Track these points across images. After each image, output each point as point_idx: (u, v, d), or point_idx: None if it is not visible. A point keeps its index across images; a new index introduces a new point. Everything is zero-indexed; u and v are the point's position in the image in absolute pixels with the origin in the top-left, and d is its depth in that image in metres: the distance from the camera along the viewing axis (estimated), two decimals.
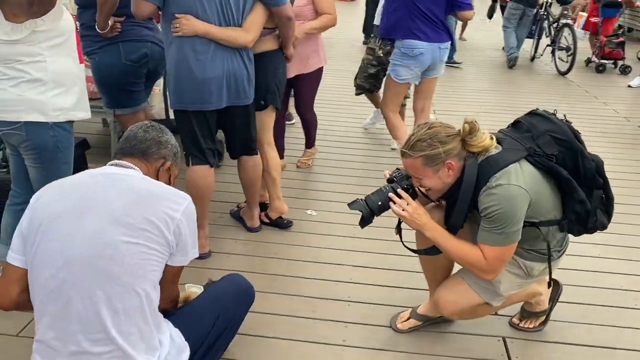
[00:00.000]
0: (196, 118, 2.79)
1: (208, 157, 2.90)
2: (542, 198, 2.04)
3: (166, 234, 1.63)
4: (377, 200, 2.09)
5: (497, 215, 1.94)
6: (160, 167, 1.87)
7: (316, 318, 2.59)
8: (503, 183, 1.93)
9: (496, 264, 2.05)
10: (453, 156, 1.99)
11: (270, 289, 2.79)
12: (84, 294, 1.52)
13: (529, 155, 2.03)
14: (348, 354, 2.36)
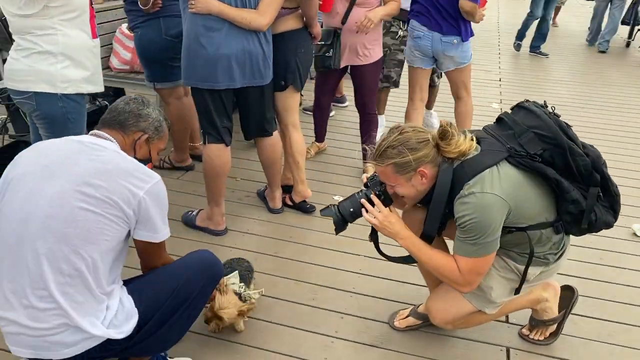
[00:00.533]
0: (211, 96, 2.79)
1: (223, 135, 2.90)
2: (526, 202, 1.88)
3: (125, 208, 1.66)
4: (349, 207, 2.01)
5: (470, 225, 1.81)
6: (138, 139, 1.90)
7: (315, 306, 2.55)
8: (476, 191, 1.80)
9: (471, 276, 1.91)
10: (426, 163, 1.87)
11: (278, 272, 2.78)
12: (34, 251, 1.59)
13: (510, 156, 1.87)
14: (336, 346, 2.31)
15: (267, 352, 2.27)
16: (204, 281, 1.89)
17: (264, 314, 2.47)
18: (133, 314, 1.73)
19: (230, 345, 2.30)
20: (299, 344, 2.31)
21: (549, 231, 1.96)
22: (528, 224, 1.91)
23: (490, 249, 1.86)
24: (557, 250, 2.03)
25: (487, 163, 1.84)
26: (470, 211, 1.79)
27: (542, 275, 2.07)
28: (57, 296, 1.60)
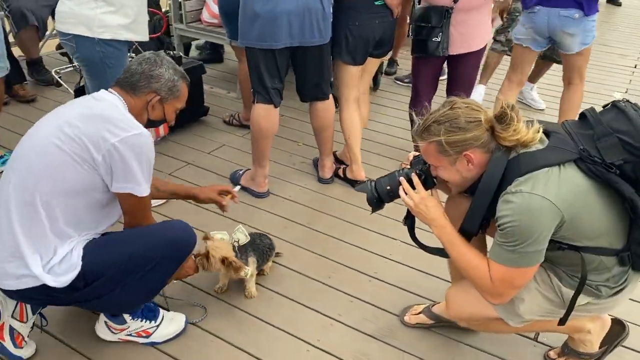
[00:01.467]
0: (264, 56, 2.71)
1: (272, 96, 2.83)
2: (587, 218, 1.56)
3: (93, 152, 1.70)
4: (385, 184, 1.79)
5: (510, 228, 1.52)
6: (150, 101, 1.90)
7: (328, 285, 2.43)
8: (525, 190, 1.51)
9: (503, 287, 1.63)
10: (475, 147, 1.59)
11: (303, 244, 2.69)
12: (9, 179, 1.74)
13: (580, 159, 1.55)
14: (334, 329, 2.19)
15: (261, 321, 2.21)
16: (163, 253, 1.83)
17: (272, 284, 2.41)
18: (74, 267, 1.72)
19: (227, 307, 2.27)
20: (296, 320, 2.22)
21: (611, 260, 1.63)
22: (585, 245, 1.59)
23: (531, 260, 1.56)
24: (615, 285, 1.68)
25: (548, 161, 1.54)
26: (513, 212, 1.51)
27: (590, 307, 1.73)
28: (15, 224, 1.69)
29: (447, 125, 1.59)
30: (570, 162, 1.56)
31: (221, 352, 2.06)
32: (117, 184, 1.75)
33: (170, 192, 2.36)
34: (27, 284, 1.72)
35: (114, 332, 2.03)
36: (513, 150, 1.59)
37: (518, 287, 1.65)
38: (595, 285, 1.67)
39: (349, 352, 2.08)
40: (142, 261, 1.80)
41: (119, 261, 1.78)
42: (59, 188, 1.70)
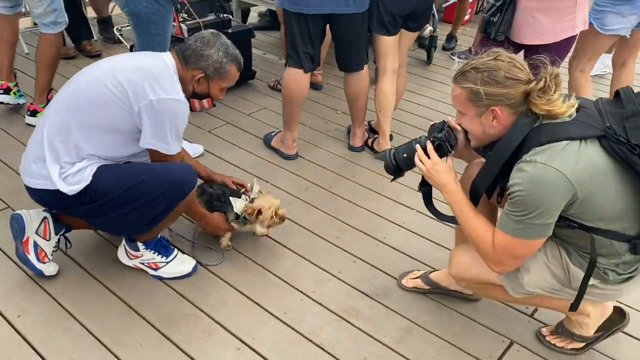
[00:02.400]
0: (297, 20, 2.79)
1: (303, 61, 2.90)
2: (601, 197, 1.51)
3: (132, 102, 1.90)
4: (402, 152, 1.83)
5: (519, 197, 1.50)
6: (196, 76, 2.07)
7: (335, 244, 2.51)
8: (539, 161, 1.47)
9: (503, 256, 1.63)
10: (504, 105, 1.56)
11: (319, 204, 2.78)
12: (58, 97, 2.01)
13: (604, 137, 1.49)
14: (331, 284, 2.28)
15: (263, 268, 2.34)
16: (162, 190, 1.98)
17: (282, 238, 2.52)
18: (85, 180, 1.93)
19: (236, 254, 2.41)
20: (296, 272, 2.33)
21: (623, 246, 1.59)
22: (597, 226, 1.55)
23: (536, 233, 1.54)
24: (624, 272, 1.64)
25: (569, 134, 1.49)
26: (524, 181, 1.48)
27: (595, 291, 1.69)
28: (48, 135, 1.94)
29: (485, 75, 1.56)
30: (594, 138, 1.50)
31: (220, 291, 2.21)
32: (145, 139, 1.95)
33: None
34: (43, 186, 1.95)
35: (130, 257, 2.23)
36: (540, 119, 1.55)
37: (519, 258, 1.63)
38: (603, 268, 1.63)
39: (340, 306, 2.17)
40: (144, 192, 1.97)
41: (124, 187, 1.96)
42: (95, 120, 1.92)
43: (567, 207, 1.51)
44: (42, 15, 3.11)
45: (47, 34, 3.17)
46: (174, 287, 2.21)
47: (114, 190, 1.95)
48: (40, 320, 2.02)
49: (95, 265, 2.28)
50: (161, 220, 2.08)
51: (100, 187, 1.94)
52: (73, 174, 1.93)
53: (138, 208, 1.98)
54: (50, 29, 3.16)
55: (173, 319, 2.06)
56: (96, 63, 2.05)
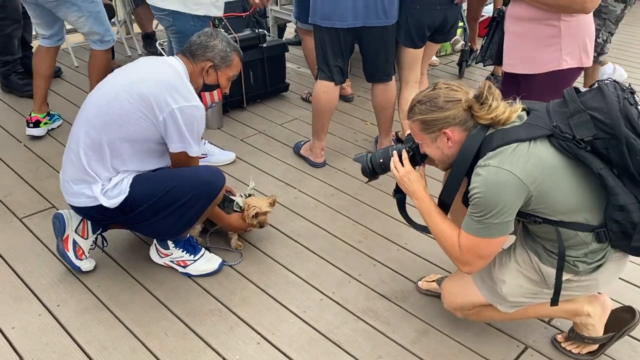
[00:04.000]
0: (328, 34, 2.89)
1: (334, 74, 3.01)
2: (556, 193, 1.60)
3: (157, 113, 2.06)
4: (379, 157, 1.95)
5: (476, 199, 1.61)
6: (205, 67, 2.25)
7: (356, 248, 2.59)
8: (492, 164, 1.59)
9: (469, 256, 1.72)
10: (453, 125, 1.68)
11: (344, 210, 2.87)
12: (81, 118, 2.14)
13: (552, 135, 1.60)
14: (351, 286, 2.35)
15: (286, 269, 2.44)
16: (194, 192, 2.14)
17: (305, 240, 2.62)
18: (123, 192, 2.09)
19: (260, 255, 2.52)
20: (318, 273, 2.42)
21: (588, 236, 1.66)
22: (560, 219, 1.64)
23: (495, 231, 1.63)
24: (593, 261, 1.70)
25: (519, 136, 1.59)
26: (480, 184, 1.59)
27: (572, 285, 1.76)
28: (84, 157, 2.08)
29: (428, 104, 1.69)
30: (543, 138, 1.60)
31: (244, 290, 2.31)
32: (173, 144, 2.11)
33: None
34: (86, 203, 2.12)
35: (161, 256, 2.38)
36: (491, 128, 1.66)
37: (484, 257, 1.71)
38: (572, 260, 1.70)
39: (358, 306, 2.24)
40: (177, 196, 2.12)
41: (158, 194, 2.11)
42: (123, 134, 2.06)
43: (524, 204, 1.60)
44: (88, 33, 3.32)
45: (96, 50, 3.38)
46: (201, 284, 2.33)
47: (151, 198, 2.11)
48: (77, 310, 2.17)
49: (129, 262, 2.43)
50: (195, 222, 2.23)
51: (137, 197, 2.10)
52: (111, 188, 2.09)
53: (174, 211, 2.14)
54: (98, 45, 3.35)
55: (198, 314, 2.18)
56: (110, 79, 2.18)
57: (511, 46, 2.51)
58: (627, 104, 1.54)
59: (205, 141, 3.24)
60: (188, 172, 2.17)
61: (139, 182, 2.12)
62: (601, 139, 1.54)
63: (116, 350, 2.00)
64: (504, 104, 1.66)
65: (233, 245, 2.55)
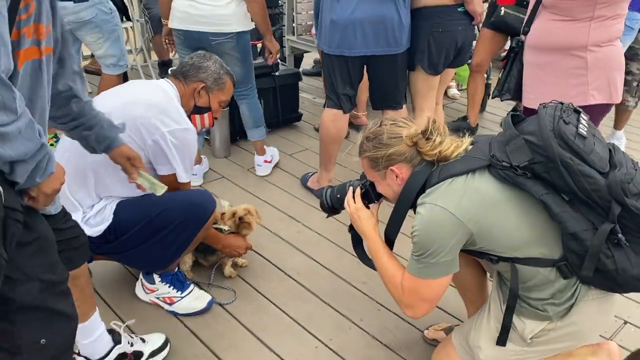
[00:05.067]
0: (338, 62, 2.77)
1: (342, 102, 2.86)
2: (501, 227, 1.47)
3: (145, 137, 1.92)
4: (337, 193, 1.85)
5: (415, 238, 1.50)
6: (197, 88, 2.13)
7: (360, 290, 2.39)
8: (427, 202, 1.49)
9: (410, 297, 1.58)
10: (400, 162, 1.59)
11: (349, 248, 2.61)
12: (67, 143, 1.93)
13: (491, 165, 1.48)
14: (351, 332, 2.14)
15: (281, 311, 2.24)
16: (184, 216, 1.98)
17: (305, 280, 2.43)
18: (106, 219, 1.94)
19: (254, 294, 2.33)
20: (315, 317, 2.21)
21: (551, 272, 1.49)
22: (514, 256, 1.49)
23: (435, 271, 1.51)
24: (561, 302, 1.51)
25: (455, 170, 1.50)
26: (418, 223, 1.49)
27: (552, 335, 1.55)
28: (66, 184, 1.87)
29: (375, 141, 1.61)
30: (482, 169, 1.50)
31: (234, 332, 2.12)
32: (162, 167, 1.97)
33: None
34: None
35: (146, 292, 2.21)
36: (438, 164, 1.56)
37: (426, 300, 1.57)
38: (541, 305, 1.52)
39: (357, 355, 2.02)
40: (166, 221, 1.97)
41: (146, 218, 1.95)
42: (108, 160, 1.88)
43: (469, 243, 1.49)
44: (102, 56, 3.26)
45: (108, 74, 3.31)
46: (188, 324, 2.15)
47: (137, 224, 1.95)
48: None
49: (114, 298, 2.26)
50: (185, 249, 2.06)
51: (122, 223, 1.95)
52: (93, 215, 1.95)
53: (162, 238, 1.98)
54: (112, 70, 3.29)
55: (181, 357, 1.98)
56: (98, 99, 2.01)
57: (532, 79, 2.32)
58: (562, 122, 1.41)
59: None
60: (177, 195, 2.01)
61: (124, 207, 1.97)
62: (539, 163, 1.41)
63: None
64: (450, 139, 1.59)
65: (227, 274, 2.38)
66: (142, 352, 1.92)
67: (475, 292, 1.96)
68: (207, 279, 2.38)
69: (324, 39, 2.77)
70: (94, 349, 1.80)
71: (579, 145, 1.39)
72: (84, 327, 1.74)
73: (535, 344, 1.59)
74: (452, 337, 1.80)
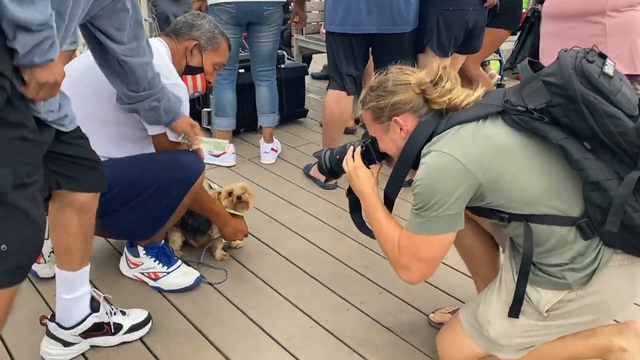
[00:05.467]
0: (341, 40, 2.66)
1: (346, 83, 2.74)
2: (515, 176, 1.32)
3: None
4: (336, 153, 1.70)
5: (416, 190, 1.35)
6: (189, 46, 2.00)
7: (361, 274, 2.21)
8: (433, 150, 1.35)
9: (407, 257, 1.43)
10: (405, 112, 1.44)
11: (351, 234, 2.50)
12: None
13: (504, 111, 1.34)
14: (350, 314, 1.96)
15: (275, 292, 2.08)
16: (168, 176, 1.82)
17: (302, 262, 2.27)
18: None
19: (248, 275, 2.17)
20: (311, 298, 2.04)
21: (569, 232, 1.32)
22: (528, 212, 1.33)
23: (435, 226, 1.35)
24: (581, 266, 1.33)
25: (464, 117, 1.36)
26: (421, 172, 1.34)
27: (571, 307, 1.37)
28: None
29: (378, 90, 1.48)
30: (494, 116, 1.35)
31: (221, 310, 1.95)
32: (152, 127, 1.83)
33: None
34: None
35: (130, 266, 2.05)
36: (447, 114, 1.41)
37: (424, 260, 1.41)
38: (559, 272, 1.35)
39: (355, 338, 1.83)
40: (148, 182, 1.81)
41: (129, 178, 1.80)
42: (89, 111, 1.78)
43: (477, 196, 1.35)
44: None
45: None
46: (172, 300, 1.98)
47: (119, 183, 1.79)
48: (21, 319, 1.84)
49: (96, 272, 2.09)
50: (170, 215, 1.90)
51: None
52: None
53: (144, 201, 1.82)
54: None
55: (162, 333, 1.82)
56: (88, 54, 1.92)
57: (548, 48, 2.19)
58: (585, 61, 1.25)
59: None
60: (162, 155, 1.87)
61: (107, 166, 1.79)
62: (558, 106, 1.26)
63: None
64: (461, 89, 1.45)
65: (218, 257, 2.22)
66: (122, 325, 1.76)
67: (486, 267, 1.78)
68: (196, 259, 2.22)
69: (327, 18, 2.68)
70: (70, 311, 1.64)
71: (603, 84, 1.24)
72: (73, 276, 1.60)
73: (552, 318, 1.41)
74: (459, 314, 1.62)
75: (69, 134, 1.45)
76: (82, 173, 1.49)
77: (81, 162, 1.48)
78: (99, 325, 1.70)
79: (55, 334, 1.65)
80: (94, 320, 1.69)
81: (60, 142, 1.41)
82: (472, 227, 1.72)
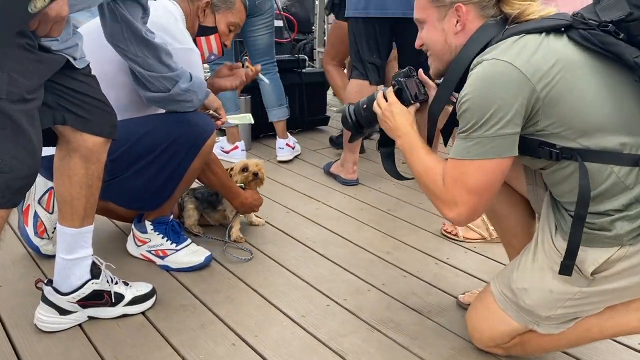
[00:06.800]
0: (364, 25, 2.59)
1: (368, 72, 2.64)
2: (578, 95, 1.14)
3: None
4: (363, 103, 1.52)
5: (465, 107, 1.18)
6: (201, 6, 1.92)
7: (384, 259, 2.05)
8: (487, 58, 1.18)
9: (454, 189, 1.23)
10: (471, 3, 1.26)
11: (373, 224, 2.36)
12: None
13: (571, 27, 1.18)
14: (369, 295, 1.79)
15: (291, 273, 1.93)
16: (175, 136, 1.72)
17: (321, 247, 2.13)
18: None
19: (259, 256, 2.03)
20: (329, 279, 1.89)
21: (630, 173, 1.15)
22: (584, 146, 1.16)
23: (489, 151, 1.17)
24: (635, 214, 1.16)
25: (527, 27, 1.20)
26: (469, 85, 1.18)
27: (619, 267, 1.19)
28: None
29: None
30: (559, 31, 1.19)
31: (232, 289, 1.80)
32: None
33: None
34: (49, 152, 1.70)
35: (137, 244, 1.94)
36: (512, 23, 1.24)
37: (475, 191, 1.21)
38: (608, 222, 1.17)
39: (376, 316, 1.67)
40: (152, 143, 1.71)
41: (133, 137, 1.70)
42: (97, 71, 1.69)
43: (532, 116, 1.16)
44: None
45: None
46: (180, 279, 1.85)
47: (123, 143, 1.67)
48: (19, 293, 1.72)
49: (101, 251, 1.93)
50: (179, 182, 1.79)
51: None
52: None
53: (151, 162, 1.72)
54: None
55: (166, 307, 1.68)
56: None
57: None
58: None
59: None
60: (172, 115, 1.76)
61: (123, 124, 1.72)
62: (638, 20, 1.08)
63: (55, 336, 1.52)
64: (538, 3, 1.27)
65: (234, 237, 2.10)
66: (123, 296, 1.63)
67: (521, 237, 1.60)
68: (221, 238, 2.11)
69: (350, 3, 2.60)
70: (69, 274, 1.51)
71: None
72: (74, 234, 1.48)
73: (598, 282, 1.23)
74: (490, 285, 1.45)
75: (80, 71, 1.38)
76: (91, 113, 1.40)
77: (90, 101, 1.40)
78: (98, 294, 1.57)
79: (51, 299, 1.52)
80: (94, 287, 1.56)
81: (71, 78, 1.35)
82: (508, 194, 1.56)
